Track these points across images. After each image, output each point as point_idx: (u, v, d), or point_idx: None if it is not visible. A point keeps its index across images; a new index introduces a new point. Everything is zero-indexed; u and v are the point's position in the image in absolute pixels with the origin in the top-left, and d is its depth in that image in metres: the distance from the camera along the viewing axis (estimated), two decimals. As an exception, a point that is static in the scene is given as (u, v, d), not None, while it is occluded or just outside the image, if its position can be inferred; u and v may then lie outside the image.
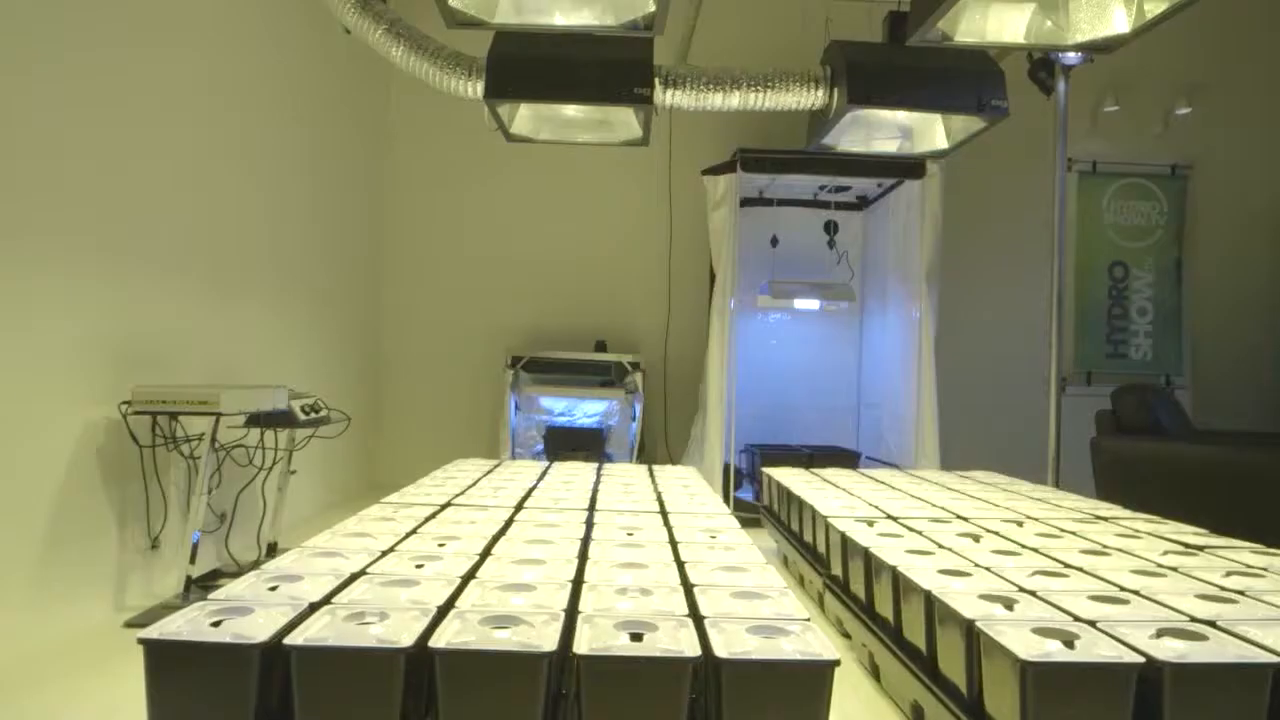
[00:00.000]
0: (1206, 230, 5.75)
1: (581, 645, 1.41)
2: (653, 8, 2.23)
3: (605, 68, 2.95)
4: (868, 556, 2.25)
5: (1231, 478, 3.73)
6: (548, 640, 1.42)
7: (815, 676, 1.39)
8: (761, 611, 1.64)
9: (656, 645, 1.42)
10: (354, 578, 1.77)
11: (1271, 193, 5.56)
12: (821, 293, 5.17)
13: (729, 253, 4.70)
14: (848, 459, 4.95)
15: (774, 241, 5.33)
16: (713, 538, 2.29)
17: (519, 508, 2.64)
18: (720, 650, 1.41)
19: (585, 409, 5.43)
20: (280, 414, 3.23)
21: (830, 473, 3.74)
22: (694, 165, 5.17)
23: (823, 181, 5.19)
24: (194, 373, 3.31)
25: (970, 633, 1.60)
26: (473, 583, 1.76)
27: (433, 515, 2.47)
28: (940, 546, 2.26)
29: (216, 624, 1.45)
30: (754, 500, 4.66)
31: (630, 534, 2.30)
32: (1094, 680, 1.41)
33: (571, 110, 3.35)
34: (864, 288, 5.59)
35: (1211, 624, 1.60)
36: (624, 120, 3.42)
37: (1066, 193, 5.69)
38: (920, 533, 2.45)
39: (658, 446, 5.64)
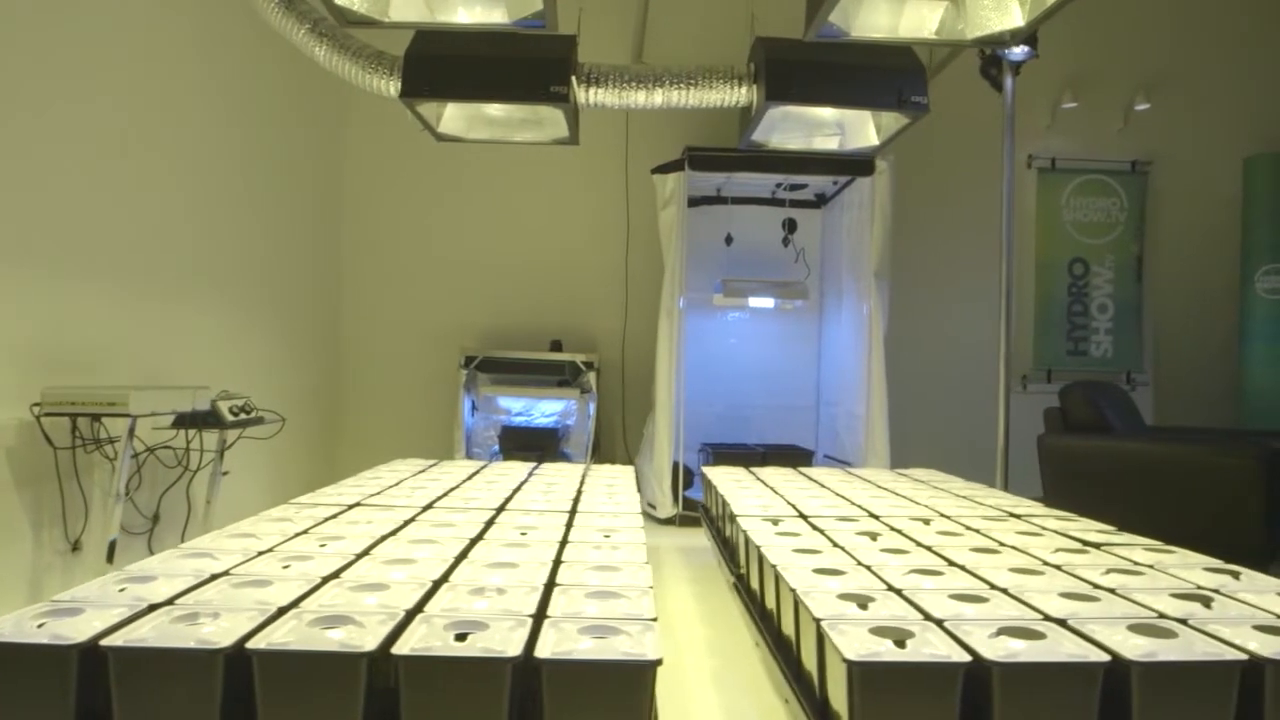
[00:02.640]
0: (1167, 226, 5.73)
1: (404, 645, 1.40)
2: (540, 5, 2.23)
3: (521, 66, 2.94)
4: (760, 555, 2.24)
5: (1167, 473, 3.72)
6: (372, 640, 1.41)
7: (635, 677, 1.38)
8: (613, 611, 1.63)
9: (478, 645, 1.41)
10: (214, 578, 1.76)
11: (1231, 188, 5.52)
12: (776, 290, 5.16)
13: (678, 251, 4.68)
14: (801, 457, 4.94)
15: (728, 240, 5.32)
16: (606, 537, 2.28)
17: (427, 508, 2.63)
18: (543, 650, 1.40)
19: (543, 409, 5.43)
20: (204, 415, 3.22)
21: (768, 471, 3.72)
22: (651, 164, 5.15)
23: (777, 179, 5.18)
24: (127, 375, 3.30)
25: (818, 632, 1.58)
26: (332, 583, 1.75)
27: (334, 516, 2.46)
28: (834, 545, 2.25)
29: (42, 625, 1.45)
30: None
31: (524, 534, 2.29)
32: (919, 680, 1.39)
33: (497, 109, 3.34)
34: (823, 285, 5.58)
35: (1062, 622, 1.58)
36: (554, 119, 3.42)
37: (1027, 190, 5.70)
38: (822, 531, 2.43)
39: (616, 446, 5.63)
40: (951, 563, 2.05)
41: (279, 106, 4.73)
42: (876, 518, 2.66)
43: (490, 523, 2.43)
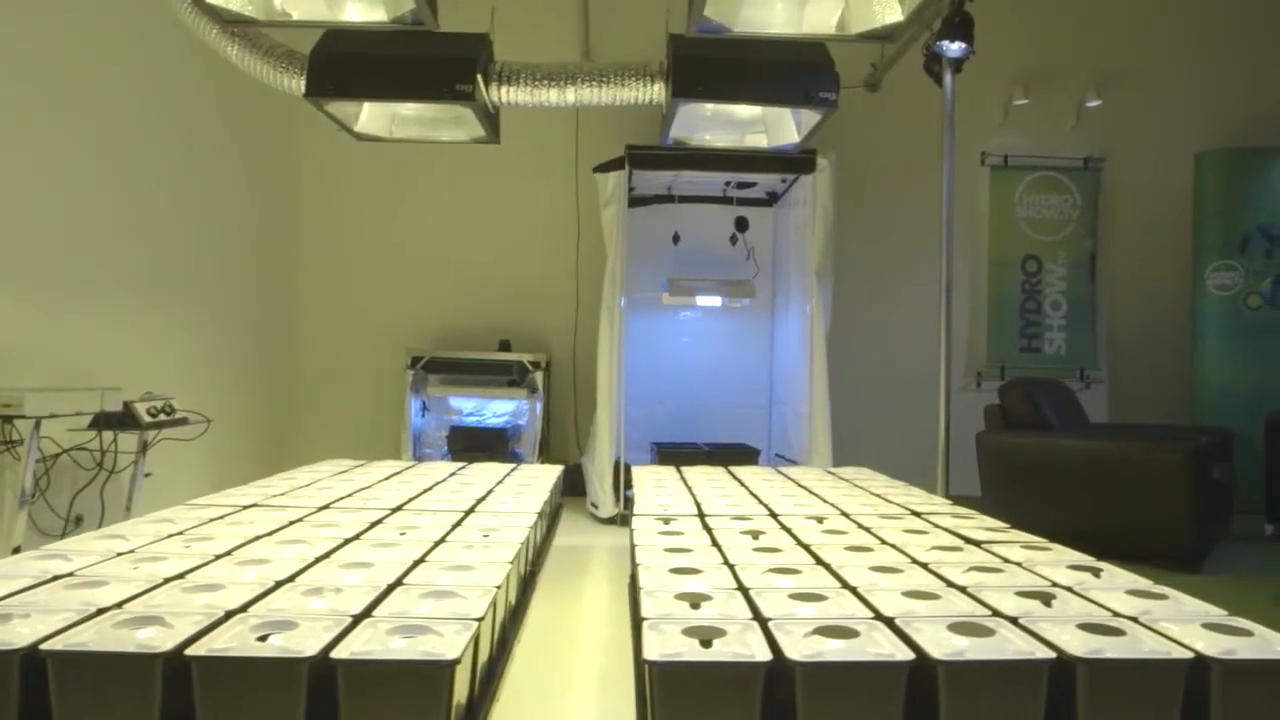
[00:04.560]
0: (1120, 222, 5.71)
1: (201, 646, 1.39)
2: (412, 5, 2.22)
3: (426, 64, 2.92)
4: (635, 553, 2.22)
5: (1100, 470, 3.70)
6: (172, 641, 1.40)
7: (429, 677, 1.37)
8: (442, 611, 1.62)
9: (279, 645, 1.40)
10: (55, 579, 1.75)
11: (1183, 183, 5.49)
12: (723, 289, 5.15)
13: (619, 250, 4.67)
14: (747, 456, 4.93)
15: (675, 239, 5.31)
16: (485, 537, 2.27)
17: (323, 508, 2.62)
18: (344, 650, 1.39)
19: (495, 409, 5.42)
20: (118, 415, 3.22)
21: (695, 470, 3.70)
22: (601, 162, 5.14)
23: (726, 177, 5.16)
24: (47, 376, 3.27)
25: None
26: (172, 584, 1.74)
27: (221, 517, 2.45)
28: (713, 544, 2.24)
29: None
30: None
31: (402, 533, 2.28)
32: (717, 680, 1.38)
33: (412, 108, 3.33)
34: (774, 284, 5.57)
35: (889, 621, 1.57)
36: (474, 117, 3.40)
37: (979, 187, 5.69)
38: (710, 530, 2.42)
39: (569, 444, 5.62)
40: (819, 561, 2.04)
41: (218, 104, 4.71)
42: (774, 516, 2.64)
43: (376, 523, 2.42)
